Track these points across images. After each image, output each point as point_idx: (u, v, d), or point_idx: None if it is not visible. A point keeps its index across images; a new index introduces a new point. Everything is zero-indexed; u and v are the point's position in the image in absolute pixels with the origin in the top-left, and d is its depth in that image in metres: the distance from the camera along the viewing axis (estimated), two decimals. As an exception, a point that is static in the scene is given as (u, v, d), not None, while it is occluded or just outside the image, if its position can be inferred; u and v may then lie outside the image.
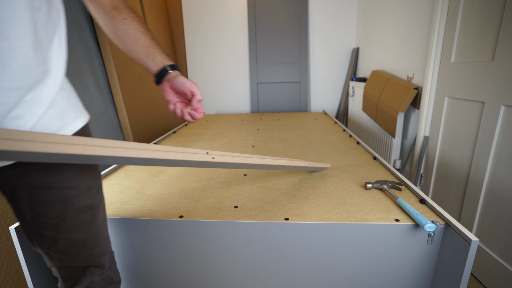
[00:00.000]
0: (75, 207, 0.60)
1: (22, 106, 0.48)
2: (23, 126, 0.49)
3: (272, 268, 0.86)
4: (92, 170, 0.64)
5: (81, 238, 0.62)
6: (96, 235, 0.65)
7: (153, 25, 2.59)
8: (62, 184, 0.57)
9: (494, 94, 1.21)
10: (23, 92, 0.48)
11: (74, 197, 0.59)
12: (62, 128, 0.56)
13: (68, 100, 0.59)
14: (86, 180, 0.62)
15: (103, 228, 0.68)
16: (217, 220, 0.83)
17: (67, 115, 0.57)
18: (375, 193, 0.97)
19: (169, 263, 0.89)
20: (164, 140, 1.76)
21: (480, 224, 1.31)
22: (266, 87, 3.09)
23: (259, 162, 0.81)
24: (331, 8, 2.89)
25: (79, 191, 0.60)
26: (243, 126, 2.17)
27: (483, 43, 1.28)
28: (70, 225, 0.60)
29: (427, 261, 0.81)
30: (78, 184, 0.60)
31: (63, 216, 0.59)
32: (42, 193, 0.56)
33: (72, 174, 0.58)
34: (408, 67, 1.92)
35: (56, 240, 0.60)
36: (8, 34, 0.44)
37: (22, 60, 0.47)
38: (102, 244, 0.68)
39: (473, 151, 1.34)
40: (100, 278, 0.69)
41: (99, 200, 0.66)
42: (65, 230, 0.60)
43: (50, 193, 0.56)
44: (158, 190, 1.05)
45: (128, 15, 0.69)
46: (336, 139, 1.67)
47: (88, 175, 0.62)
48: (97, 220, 0.66)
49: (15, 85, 0.46)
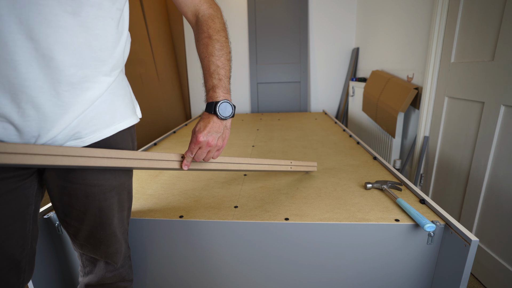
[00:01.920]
0: (96, 204, 0.62)
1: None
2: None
3: (272, 268, 0.86)
4: (119, 171, 0.65)
5: (98, 234, 0.65)
6: (112, 234, 0.68)
7: (153, 25, 2.59)
8: (85, 181, 0.60)
9: (494, 94, 1.21)
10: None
11: (95, 195, 0.62)
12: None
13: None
14: (110, 180, 0.63)
15: (120, 228, 0.70)
16: (217, 220, 0.83)
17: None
18: (375, 193, 0.97)
19: (169, 263, 0.89)
20: (164, 140, 1.76)
21: (480, 224, 1.31)
22: (266, 87, 3.09)
23: (234, 167, 0.80)
24: (331, 8, 2.89)
25: (101, 190, 0.62)
26: (243, 126, 2.17)
27: (483, 43, 1.28)
28: (90, 220, 0.63)
29: (427, 261, 0.81)
30: (101, 183, 0.62)
31: (85, 211, 0.62)
32: (68, 186, 0.60)
33: (96, 172, 0.61)
34: (408, 67, 1.92)
35: (80, 230, 0.64)
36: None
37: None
38: (116, 243, 0.70)
39: (473, 151, 1.34)
40: (112, 274, 0.72)
41: (122, 200, 0.68)
42: (86, 223, 0.63)
43: (75, 188, 0.60)
44: (158, 190, 1.05)
45: (199, 35, 0.68)
46: (336, 139, 1.67)
47: (112, 175, 0.64)
48: (115, 220, 0.67)
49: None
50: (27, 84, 0.46)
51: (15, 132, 0.49)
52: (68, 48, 0.48)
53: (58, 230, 0.90)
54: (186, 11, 0.69)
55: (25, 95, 0.47)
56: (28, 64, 0.45)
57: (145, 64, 2.44)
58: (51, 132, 0.52)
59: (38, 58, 0.45)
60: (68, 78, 0.50)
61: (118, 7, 0.55)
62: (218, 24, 0.68)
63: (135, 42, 2.25)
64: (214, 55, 0.66)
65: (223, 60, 0.68)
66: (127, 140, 0.66)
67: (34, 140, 0.52)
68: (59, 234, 0.91)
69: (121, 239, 0.71)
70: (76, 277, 0.96)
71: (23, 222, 0.56)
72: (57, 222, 0.89)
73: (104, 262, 0.71)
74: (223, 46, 0.68)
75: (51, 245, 0.92)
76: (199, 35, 0.68)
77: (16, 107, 0.47)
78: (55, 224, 0.89)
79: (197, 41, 0.69)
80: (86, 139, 0.58)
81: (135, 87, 2.19)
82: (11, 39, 0.43)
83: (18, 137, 0.50)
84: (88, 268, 0.72)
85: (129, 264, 0.77)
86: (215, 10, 0.70)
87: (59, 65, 0.48)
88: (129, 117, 0.66)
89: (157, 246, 0.88)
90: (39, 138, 0.52)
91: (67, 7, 0.46)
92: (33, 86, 0.47)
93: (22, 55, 0.44)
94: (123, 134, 0.65)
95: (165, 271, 0.91)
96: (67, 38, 0.47)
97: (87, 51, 0.51)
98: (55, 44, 0.46)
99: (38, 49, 0.45)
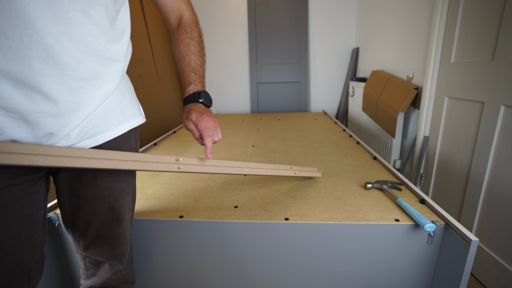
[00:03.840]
0: (106, 205, 0.63)
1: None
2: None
3: (272, 268, 0.86)
4: (128, 173, 0.67)
5: (107, 235, 0.66)
6: (121, 236, 0.69)
7: (153, 25, 2.59)
8: (97, 183, 0.61)
9: (494, 94, 1.21)
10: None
11: (106, 197, 0.63)
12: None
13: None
14: (120, 182, 0.65)
15: (128, 230, 0.71)
16: (217, 220, 0.83)
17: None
18: (375, 193, 0.97)
19: (169, 263, 0.89)
20: (164, 140, 1.76)
21: (480, 224, 1.31)
22: (266, 87, 3.09)
23: (234, 171, 0.79)
24: (331, 8, 2.89)
25: (112, 192, 0.63)
26: (243, 126, 2.17)
27: (483, 43, 1.28)
28: (100, 221, 0.64)
29: (427, 261, 0.81)
30: (112, 185, 0.63)
31: (95, 212, 0.63)
32: (79, 188, 0.61)
33: (108, 175, 0.62)
34: (408, 67, 1.92)
35: (87, 231, 0.65)
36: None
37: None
38: (124, 245, 0.71)
39: (473, 151, 1.34)
40: (116, 277, 0.72)
41: (129, 201, 0.69)
42: (95, 224, 0.64)
43: (86, 190, 0.61)
44: (158, 190, 1.05)
45: (182, 35, 0.74)
46: (336, 139, 1.67)
47: (123, 177, 0.65)
48: (124, 221, 0.69)
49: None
50: (42, 80, 0.46)
51: (27, 129, 0.49)
52: (78, 46, 0.49)
53: (58, 230, 0.90)
54: (170, 16, 0.76)
55: (40, 91, 0.47)
56: (42, 60, 0.45)
57: (145, 64, 2.44)
58: (65, 129, 0.52)
59: (52, 54, 0.46)
60: (81, 74, 0.51)
61: (118, 8, 0.57)
62: (199, 31, 0.78)
63: (135, 42, 2.25)
64: (196, 54, 0.74)
65: (202, 60, 0.76)
66: (131, 139, 0.68)
67: (47, 139, 0.51)
68: (59, 234, 0.91)
69: (129, 240, 0.72)
70: (76, 278, 0.96)
71: (33, 227, 0.56)
72: (57, 222, 0.89)
73: (109, 264, 0.71)
74: (202, 49, 0.77)
75: (51, 245, 0.92)
76: (181, 35, 0.74)
77: (31, 103, 0.47)
78: (55, 224, 0.89)
79: (178, 40, 0.75)
80: (98, 138, 0.59)
81: (135, 87, 2.19)
82: (26, 35, 0.43)
83: (31, 135, 0.50)
84: (91, 271, 0.72)
85: (131, 266, 0.78)
86: (196, 18, 0.79)
87: (71, 62, 0.49)
88: (137, 116, 0.68)
89: (157, 246, 0.88)
90: (51, 136, 0.51)
91: (77, 5, 0.47)
92: (47, 82, 0.47)
93: (36, 51, 0.44)
94: (129, 133, 0.67)
95: (165, 271, 0.91)
96: (78, 35, 0.49)
97: (97, 48, 0.52)
98: (67, 41, 0.47)
99: (51, 46, 0.46)
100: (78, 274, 0.96)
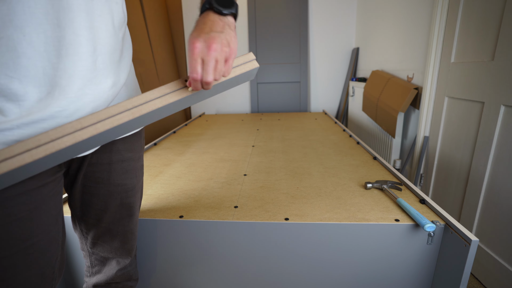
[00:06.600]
0: (117, 202, 0.64)
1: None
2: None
3: (272, 268, 0.86)
4: (138, 169, 0.68)
5: (116, 231, 0.67)
6: (130, 231, 0.69)
7: (153, 25, 2.59)
8: (110, 181, 0.62)
9: (494, 94, 1.21)
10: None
11: (118, 194, 0.64)
12: None
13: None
14: (132, 179, 0.66)
15: (136, 226, 0.72)
16: (217, 220, 0.83)
17: None
18: (375, 193, 0.97)
19: (169, 263, 0.89)
20: (164, 140, 1.76)
21: (480, 224, 1.31)
22: (266, 87, 3.09)
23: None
24: (331, 8, 2.88)
25: (124, 189, 0.64)
26: (243, 126, 2.17)
27: (483, 43, 1.28)
28: (110, 217, 0.65)
29: (427, 261, 0.81)
30: (124, 182, 0.64)
31: (106, 209, 0.64)
32: (92, 186, 0.62)
33: (121, 172, 0.63)
34: (408, 67, 1.92)
35: (97, 227, 0.65)
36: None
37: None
38: (133, 240, 0.72)
39: (473, 151, 1.34)
40: (121, 273, 0.73)
41: (138, 198, 0.71)
42: (105, 220, 0.65)
43: (99, 187, 0.62)
44: (158, 190, 1.05)
45: None
46: (336, 139, 1.67)
47: (134, 175, 0.66)
48: (134, 218, 0.70)
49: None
50: (60, 74, 0.46)
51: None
52: (89, 33, 0.47)
53: None
54: None
55: (59, 86, 0.46)
56: (58, 53, 0.45)
57: (145, 64, 2.44)
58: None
59: (66, 46, 0.45)
60: (98, 64, 0.50)
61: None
62: None
63: (135, 42, 2.25)
64: None
65: None
66: (142, 138, 0.70)
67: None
68: None
69: (136, 236, 0.73)
70: (78, 276, 0.96)
71: (58, 227, 0.56)
72: None
73: (115, 260, 0.71)
74: None
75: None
76: None
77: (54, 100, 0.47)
78: None
79: None
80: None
81: (135, 87, 2.19)
82: (42, 31, 0.43)
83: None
84: (96, 268, 0.72)
85: (135, 263, 0.78)
86: None
87: (84, 51, 0.47)
88: None
89: (157, 246, 0.88)
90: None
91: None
92: (64, 76, 0.46)
93: (52, 45, 0.44)
94: (141, 131, 0.68)
95: (165, 271, 0.91)
96: (88, 23, 0.47)
97: (108, 37, 0.51)
98: (79, 29, 0.46)
99: (65, 36, 0.45)
100: (79, 272, 0.96)
